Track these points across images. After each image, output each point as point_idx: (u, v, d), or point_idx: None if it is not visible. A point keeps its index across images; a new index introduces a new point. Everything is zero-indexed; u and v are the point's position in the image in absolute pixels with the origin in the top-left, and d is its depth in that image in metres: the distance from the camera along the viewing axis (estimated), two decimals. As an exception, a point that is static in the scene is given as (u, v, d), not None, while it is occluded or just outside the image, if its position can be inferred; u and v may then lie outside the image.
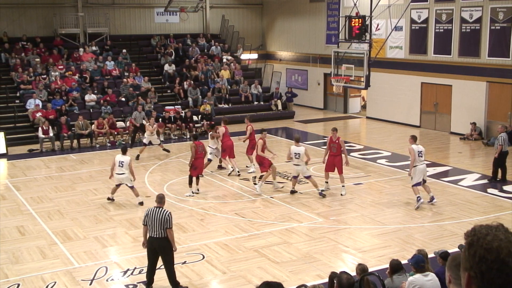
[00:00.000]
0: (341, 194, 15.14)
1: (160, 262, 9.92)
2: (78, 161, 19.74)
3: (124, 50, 28.24)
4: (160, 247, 9.62)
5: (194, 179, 15.55)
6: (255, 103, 27.95)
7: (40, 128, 21.36)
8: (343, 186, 15.29)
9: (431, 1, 23.64)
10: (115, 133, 22.46)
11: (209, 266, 10.86)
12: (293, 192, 15.36)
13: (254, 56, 32.83)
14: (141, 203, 14.58)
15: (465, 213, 13.75)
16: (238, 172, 17.36)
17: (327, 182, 15.62)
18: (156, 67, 28.80)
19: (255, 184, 15.98)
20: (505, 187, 15.75)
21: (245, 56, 32.11)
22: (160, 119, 23.09)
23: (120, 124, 23.19)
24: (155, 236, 9.54)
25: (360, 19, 19.58)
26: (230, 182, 16.76)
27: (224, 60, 29.70)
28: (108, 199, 14.96)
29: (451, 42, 23.02)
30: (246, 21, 33.52)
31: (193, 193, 15.48)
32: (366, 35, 19.74)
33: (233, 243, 11.95)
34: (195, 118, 24.29)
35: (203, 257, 11.30)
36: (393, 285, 7.60)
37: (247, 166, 17.96)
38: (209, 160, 17.30)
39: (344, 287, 6.40)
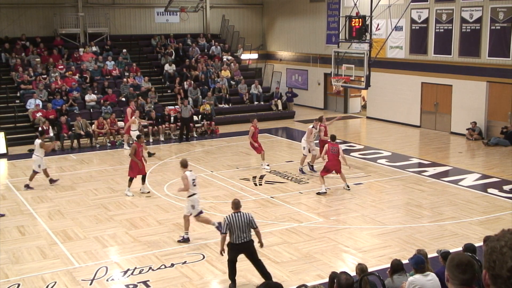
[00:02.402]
0: None
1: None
2: (78, 161, 19.75)
3: (124, 50, 28.24)
4: (247, 251, 9.78)
5: (138, 179, 15.62)
6: (255, 103, 27.94)
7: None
8: None
9: (431, 1, 23.63)
10: (115, 133, 22.46)
11: (209, 266, 10.86)
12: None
13: (254, 56, 32.83)
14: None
15: (465, 213, 13.75)
16: None
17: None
18: (156, 67, 28.79)
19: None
20: (505, 187, 15.75)
21: (245, 56, 32.10)
22: (159, 119, 23.13)
23: (120, 124, 23.18)
24: (240, 241, 9.63)
25: (360, 19, 19.58)
26: (230, 182, 16.77)
27: (224, 60, 29.70)
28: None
29: (451, 42, 23.02)
30: (246, 21, 33.52)
31: (133, 194, 15.48)
32: (366, 35, 19.74)
33: (233, 243, 11.94)
34: (195, 118, 24.29)
35: (203, 257, 11.30)
36: (393, 285, 7.61)
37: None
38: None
39: (343, 287, 6.40)
